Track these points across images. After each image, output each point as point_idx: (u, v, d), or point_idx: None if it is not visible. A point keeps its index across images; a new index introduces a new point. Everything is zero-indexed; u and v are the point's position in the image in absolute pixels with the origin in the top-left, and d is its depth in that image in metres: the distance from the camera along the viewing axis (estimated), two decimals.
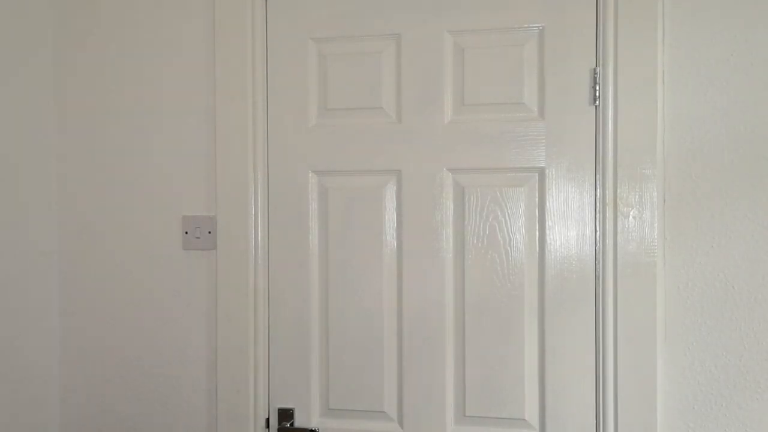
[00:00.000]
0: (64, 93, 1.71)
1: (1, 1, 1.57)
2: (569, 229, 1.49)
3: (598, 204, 1.48)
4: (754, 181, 1.42)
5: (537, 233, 1.51)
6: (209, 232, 1.63)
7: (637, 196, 1.44)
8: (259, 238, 1.61)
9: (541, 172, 1.51)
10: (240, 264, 1.60)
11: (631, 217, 1.45)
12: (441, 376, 1.55)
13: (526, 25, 1.50)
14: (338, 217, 1.59)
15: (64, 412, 1.73)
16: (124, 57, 1.67)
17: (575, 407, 1.49)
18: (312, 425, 1.61)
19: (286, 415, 1.61)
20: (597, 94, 1.47)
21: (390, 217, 1.57)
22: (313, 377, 1.61)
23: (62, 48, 1.70)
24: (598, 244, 1.48)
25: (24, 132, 1.63)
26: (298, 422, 1.62)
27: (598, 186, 1.48)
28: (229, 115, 1.60)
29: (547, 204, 1.50)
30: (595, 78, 1.47)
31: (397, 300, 1.57)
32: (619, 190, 1.45)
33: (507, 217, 1.52)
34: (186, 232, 1.64)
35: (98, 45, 1.69)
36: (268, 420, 1.63)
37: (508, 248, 1.52)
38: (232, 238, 1.60)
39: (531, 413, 1.52)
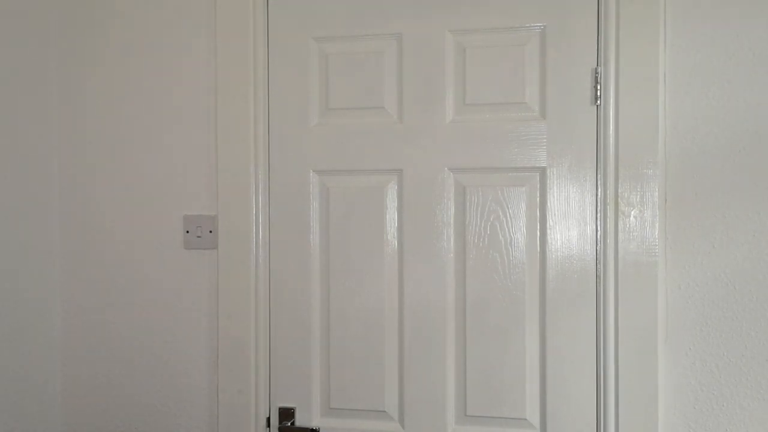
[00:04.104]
0: (67, 92, 1.71)
1: (6, 2, 1.57)
2: (570, 229, 1.49)
3: (599, 203, 1.48)
4: (756, 181, 1.41)
5: (538, 233, 1.51)
6: (210, 232, 1.63)
7: (638, 196, 1.44)
8: (260, 237, 1.61)
9: (543, 172, 1.51)
10: (241, 263, 1.60)
11: (632, 216, 1.45)
12: (442, 376, 1.55)
13: (527, 25, 1.50)
14: (339, 217, 1.59)
15: (65, 412, 1.73)
16: (126, 57, 1.68)
17: (576, 406, 1.49)
18: (313, 424, 1.61)
19: (287, 414, 1.62)
20: (598, 94, 1.47)
21: (391, 216, 1.58)
22: (314, 376, 1.61)
23: (65, 46, 1.71)
24: (599, 244, 1.48)
25: (26, 131, 1.63)
26: (299, 421, 1.62)
27: (599, 185, 1.48)
28: (230, 115, 1.60)
29: (549, 203, 1.50)
30: (596, 77, 1.47)
31: (398, 299, 1.58)
32: (620, 190, 1.45)
33: (508, 217, 1.52)
34: (187, 232, 1.64)
35: (101, 44, 1.69)
36: (269, 419, 1.63)
37: (510, 248, 1.52)
38: (234, 237, 1.61)
39: (532, 413, 1.52)
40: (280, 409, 1.62)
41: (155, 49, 1.66)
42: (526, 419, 1.52)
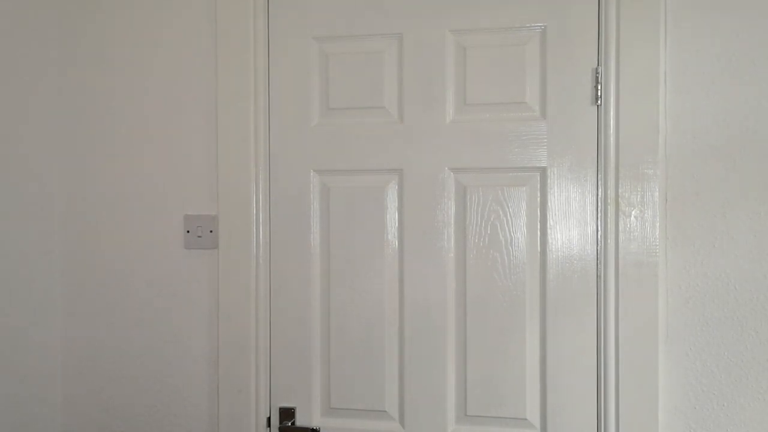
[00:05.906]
0: (67, 91, 1.71)
1: (6, 1, 1.57)
2: (571, 229, 1.49)
3: (599, 203, 1.48)
4: (757, 181, 1.42)
5: (539, 233, 1.51)
6: (211, 231, 1.63)
7: (638, 196, 1.44)
8: (261, 237, 1.61)
9: (543, 172, 1.51)
10: (241, 263, 1.60)
11: (632, 216, 1.45)
12: (442, 376, 1.55)
13: (528, 25, 1.50)
14: (340, 217, 1.59)
15: (66, 412, 1.73)
16: (127, 57, 1.68)
17: (576, 407, 1.49)
18: (313, 424, 1.61)
19: (287, 414, 1.61)
20: (599, 94, 1.47)
21: (392, 216, 1.58)
22: (314, 376, 1.61)
23: (65, 45, 1.70)
24: (599, 244, 1.48)
25: (26, 131, 1.63)
26: (300, 421, 1.62)
27: (599, 185, 1.48)
28: (230, 114, 1.60)
29: (549, 203, 1.50)
30: (596, 77, 1.47)
31: (398, 299, 1.58)
32: (620, 190, 1.45)
33: (509, 217, 1.52)
34: (188, 231, 1.64)
35: (101, 43, 1.69)
36: (269, 419, 1.63)
37: (510, 247, 1.52)
38: (234, 237, 1.61)
39: (532, 413, 1.52)
40: (280, 409, 1.62)
41: (155, 49, 1.66)
42: (526, 419, 1.52)
